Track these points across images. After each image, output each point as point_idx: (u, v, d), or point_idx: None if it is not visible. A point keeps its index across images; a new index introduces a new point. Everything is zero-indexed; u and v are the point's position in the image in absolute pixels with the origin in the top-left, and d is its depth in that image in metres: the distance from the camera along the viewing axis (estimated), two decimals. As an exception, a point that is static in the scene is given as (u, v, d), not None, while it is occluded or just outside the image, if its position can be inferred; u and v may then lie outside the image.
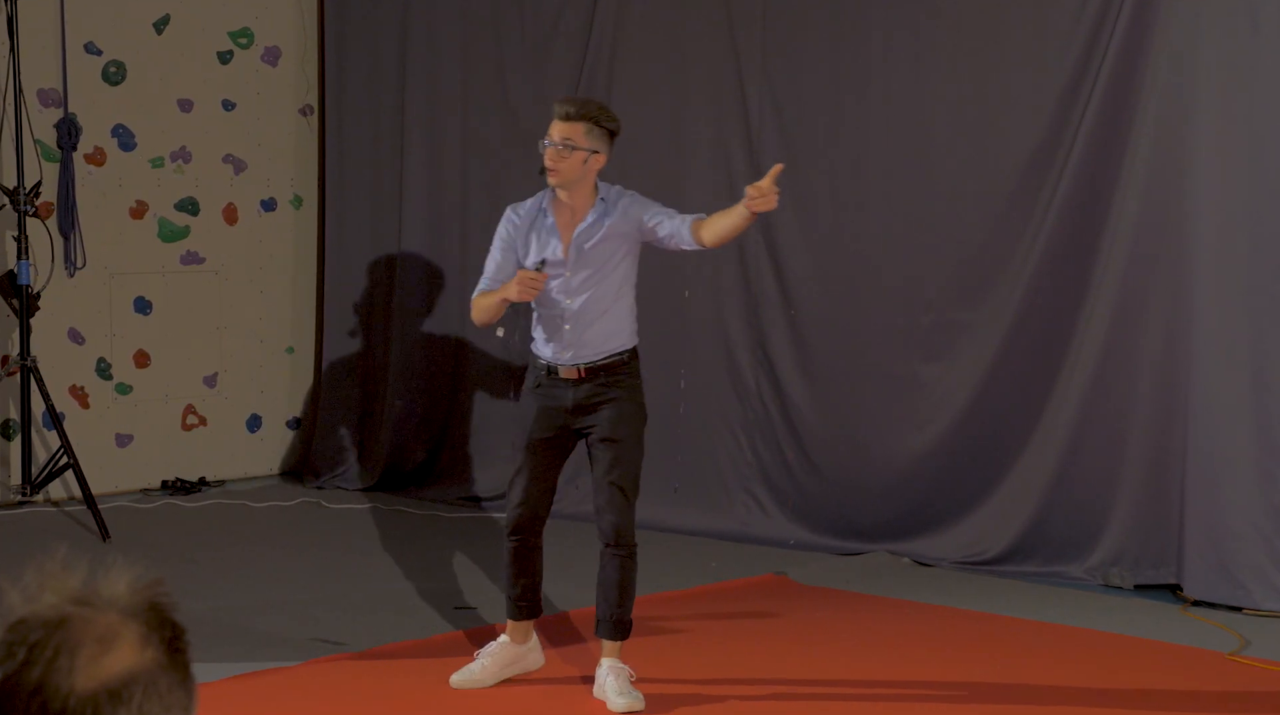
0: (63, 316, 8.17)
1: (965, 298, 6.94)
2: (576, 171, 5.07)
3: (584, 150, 5.05)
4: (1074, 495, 6.62)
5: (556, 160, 5.04)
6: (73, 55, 8.12)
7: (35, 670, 1.41)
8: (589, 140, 5.06)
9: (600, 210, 5.14)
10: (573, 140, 5.04)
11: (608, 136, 5.11)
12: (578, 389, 5.13)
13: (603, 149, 5.10)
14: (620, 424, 5.10)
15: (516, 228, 5.20)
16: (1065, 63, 6.59)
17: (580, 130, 5.05)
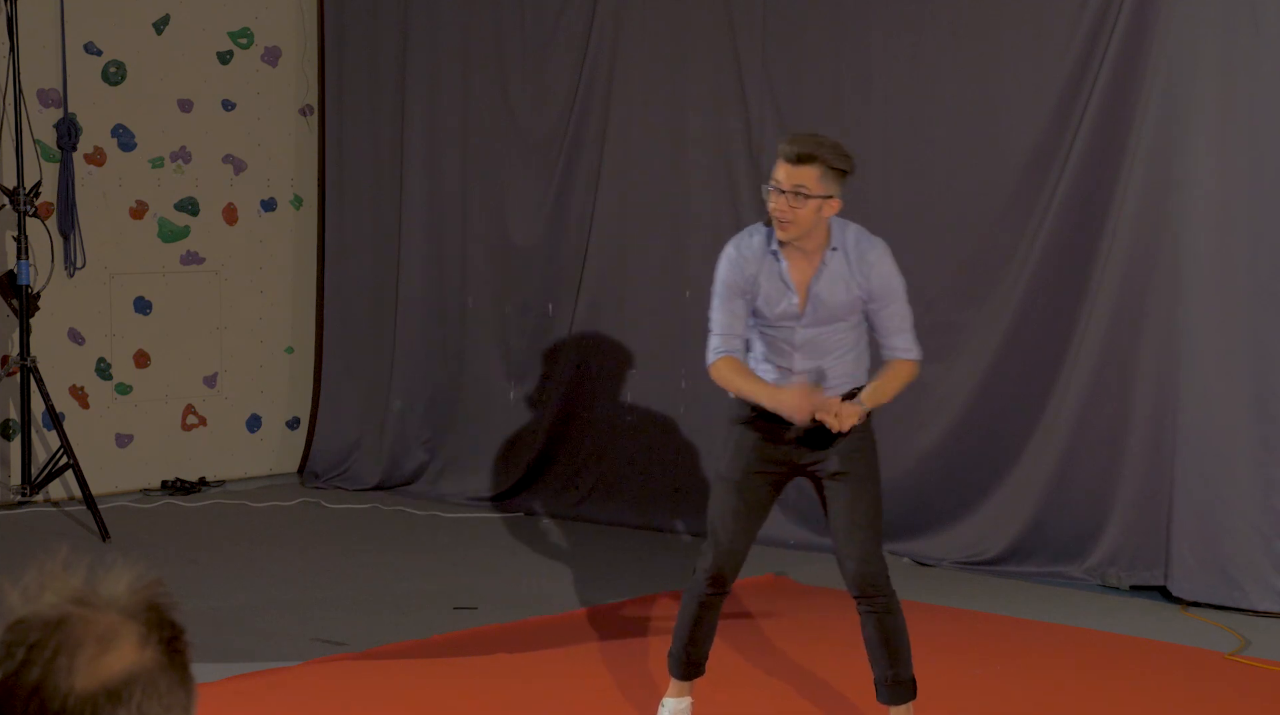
0: (63, 316, 8.17)
1: (965, 298, 6.94)
2: (810, 222, 4.46)
3: (818, 198, 4.45)
4: (1073, 496, 6.62)
5: (787, 211, 4.45)
6: (73, 55, 8.12)
7: (34, 670, 1.41)
8: (822, 186, 4.45)
9: (835, 261, 4.54)
10: (806, 187, 4.44)
11: (840, 177, 4.49)
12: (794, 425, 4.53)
13: (836, 192, 4.48)
14: (856, 458, 4.56)
15: (743, 271, 4.59)
16: (1065, 63, 6.59)
17: (814, 175, 4.44)
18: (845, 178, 4.51)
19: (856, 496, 4.54)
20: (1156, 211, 6.36)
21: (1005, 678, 5.39)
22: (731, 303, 4.60)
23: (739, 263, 4.59)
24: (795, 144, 4.48)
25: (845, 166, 4.49)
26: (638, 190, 7.95)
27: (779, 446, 4.55)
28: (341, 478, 8.77)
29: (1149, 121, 6.35)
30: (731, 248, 4.63)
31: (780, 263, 4.55)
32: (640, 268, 7.94)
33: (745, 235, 4.66)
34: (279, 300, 9.02)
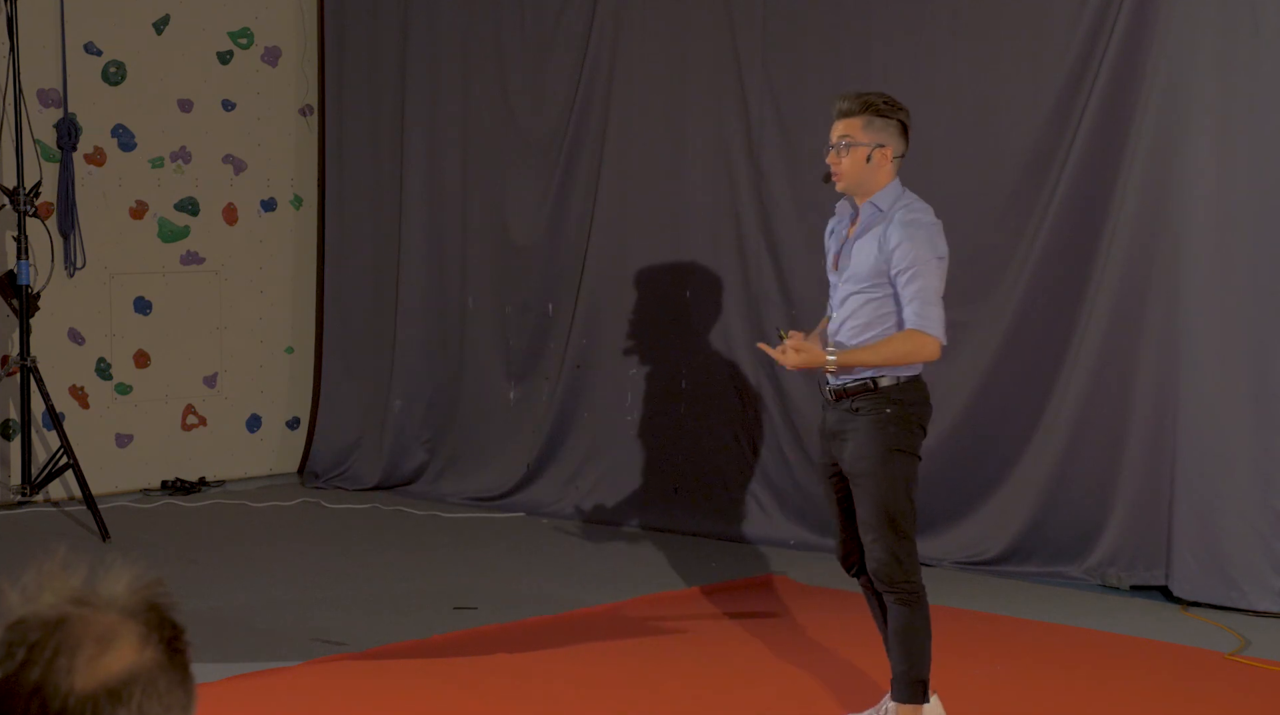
0: (63, 316, 8.17)
1: (964, 298, 6.93)
2: (860, 170, 4.51)
3: (865, 146, 4.52)
4: (1073, 496, 6.62)
5: (835, 161, 4.54)
6: (73, 55, 8.12)
7: (35, 670, 1.41)
8: (869, 134, 4.52)
9: (869, 219, 4.56)
10: (851, 137, 4.53)
11: (896, 127, 4.54)
12: (829, 412, 4.61)
13: (890, 142, 4.52)
14: (862, 459, 4.51)
15: (830, 225, 4.77)
16: (1064, 63, 6.59)
17: (858, 125, 4.53)
18: (900, 126, 4.55)
19: (860, 498, 4.55)
20: (1156, 212, 6.36)
21: (1005, 678, 5.39)
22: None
23: (830, 224, 4.74)
24: (842, 99, 4.59)
25: (898, 115, 4.54)
26: (638, 190, 7.95)
27: (822, 438, 4.65)
28: (341, 478, 8.77)
29: (1149, 121, 6.35)
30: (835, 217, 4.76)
31: (846, 220, 4.65)
32: (640, 267, 7.94)
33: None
34: (279, 300, 9.02)
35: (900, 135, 4.57)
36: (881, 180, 4.55)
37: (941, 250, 4.53)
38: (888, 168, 4.54)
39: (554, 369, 8.23)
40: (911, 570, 4.55)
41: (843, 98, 4.59)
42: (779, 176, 7.44)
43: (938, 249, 4.51)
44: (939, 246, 4.52)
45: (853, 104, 4.54)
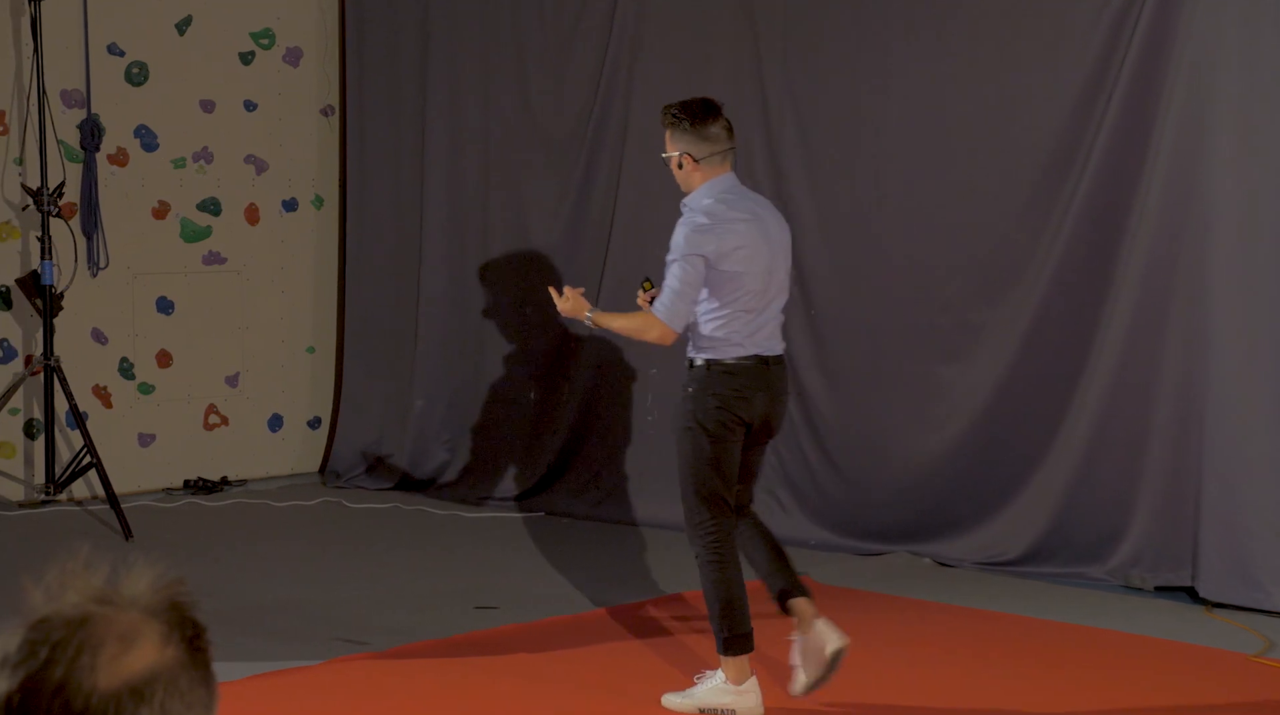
0: (86, 316, 8.20)
1: (984, 298, 6.93)
2: (679, 177, 5.01)
3: (674, 156, 5.00)
4: (1095, 496, 6.60)
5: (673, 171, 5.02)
6: (95, 56, 8.15)
7: (58, 669, 1.41)
8: (675, 144, 4.98)
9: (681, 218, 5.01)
10: (667, 149, 5.02)
11: (693, 136, 4.95)
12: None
13: (689, 148, 4.94)
14: (672, 427, 5.07)
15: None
16: (1085, 61, 6.57)
17: (668, 137, 5.00)
18: (691, 127, 4.93)
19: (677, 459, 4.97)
20: (1180, 211, 6.34)
21: (1027, 679, 5.37)
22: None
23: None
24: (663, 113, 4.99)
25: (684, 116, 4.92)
26: (658, 190, 7.93)
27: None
28: (362, 477, 8.79)
29: (1171, 120, 6.32)
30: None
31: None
32: (661, 267, 7.91)
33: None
34: (300, 300, 9.04)
35: (697, 140, 4.92)
36: (695, 183, 4.95)
37: (705, 249, 4.87)
38: (697, 173, 4.93)
39: (574, 369, 8.23)
40: (696, 538, 4.93)
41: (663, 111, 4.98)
42: (799, 178, 7.43)
43: (701, 247, 4.86)
44: (703, 245, 4.87)
45: (662, 118, 4.97)
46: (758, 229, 4.97)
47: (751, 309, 4.95)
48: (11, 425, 8.04)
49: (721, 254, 4.87)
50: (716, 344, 4.95)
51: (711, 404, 4.91)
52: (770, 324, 5.03)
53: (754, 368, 4.96)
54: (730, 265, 4.89)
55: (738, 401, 4.93)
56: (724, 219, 4.92)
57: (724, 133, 5.00)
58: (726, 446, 4.93)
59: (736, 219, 4.94)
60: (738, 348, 4.94)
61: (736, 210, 4.96)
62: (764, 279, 4.97)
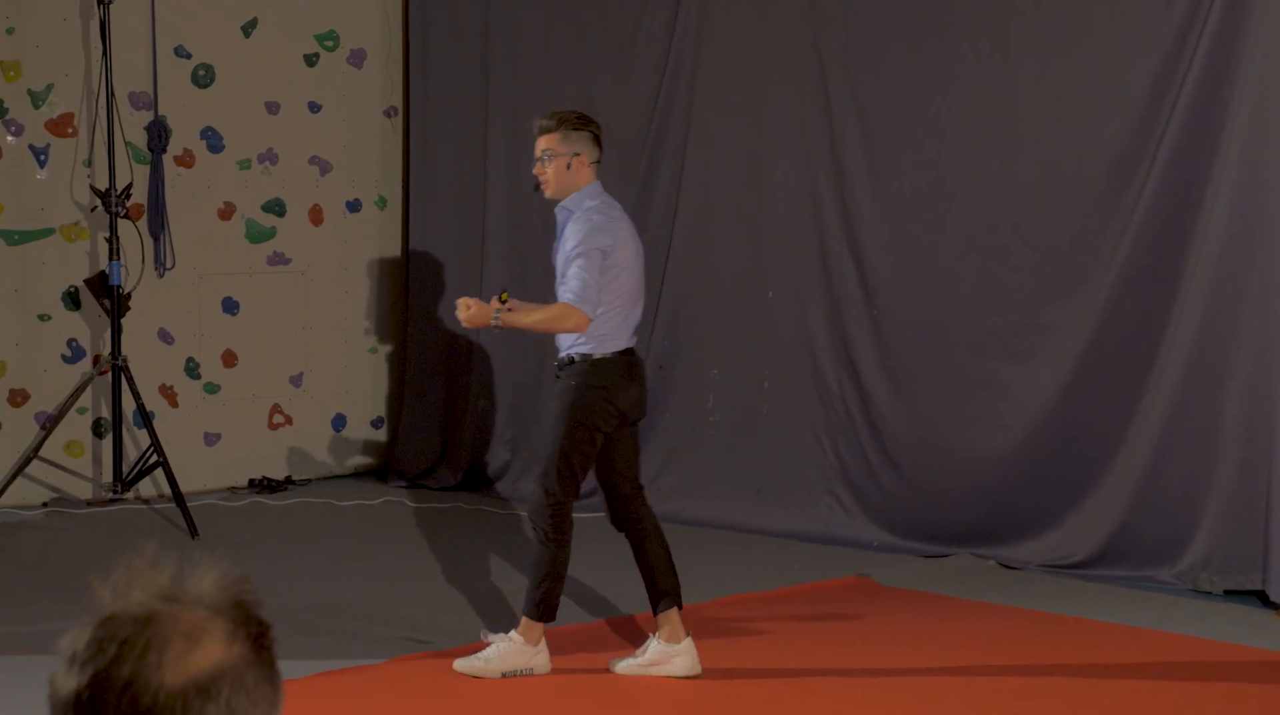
0: (152, 317, 8.28)
1: (1049, 298, 6.87)
2: (561, 177, 5.30)
3: (564, 155, 5.28)
4: (1163, 499, 6.53)
5: (539, 170, 5.34)
6: (163, 59, 8.23)
7: (125, 666, 1.42)
8: (566, 145, 5.29)
9: (563, 219, 5.34)
10: (552, 149, 5.30)
11: (589, 137, 5.31)
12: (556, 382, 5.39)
13: (585, 150, 5.30)
14: (550, 409, 5.37)
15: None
16: (1153, 60, 6.50)
17: (557, 138, 5.30)
18: (592, 137, 5.31)
19: (541, 443, 5.40)
20: (1249, 212, 6.25)
21: (1092, 683, 5.32)
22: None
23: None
24: (540, 118, 5.36)
25: (582, 126, 5.28)
26: (720, 191, 7.93)
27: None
28: (425, 477, 8.82)
29: (1242, 117, 6.24)
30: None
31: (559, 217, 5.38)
32: (722, 268, 7.92)
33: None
34: (363, 300, 9.09)
35: (593, 144, 5.33)
36: (579, 183, 5.30)
37: (604, 243, 5.22)
38: (585, 172, 5.30)
39: (636, 369, 8.21)
40: (544, 517, 5.28)
41: (542, 117, 5.36)
42: (861, 177, 7.40)
43: (600, 241, 5.22)
44: (602, 240, 5.22)
45: (550, 121, 5.30)
46: (632, 232, 5.42)
47: (626, 306, 5.33)
48: (80, 424, 8.13)
49: (613, 250, 5.26)
50: (598, 339, 5.28)
51: (597, 397, 5.26)
52: (637, 321, 5.44)
53: (628, 361, 5.34)
54: (615, 261, 5.27)
55: (618, 393, 5.29)
56: (614, 219, 5.32)
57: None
58: (601, 437, 5.31)
59: (620, 220, 5.36)
60: (615, 342, 5.30)
61: (616, 213, 5.37)
62: (637, 279, 5.39)
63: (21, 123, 7.90)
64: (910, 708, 5.07)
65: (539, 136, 5.33)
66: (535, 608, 5.30)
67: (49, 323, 8.04)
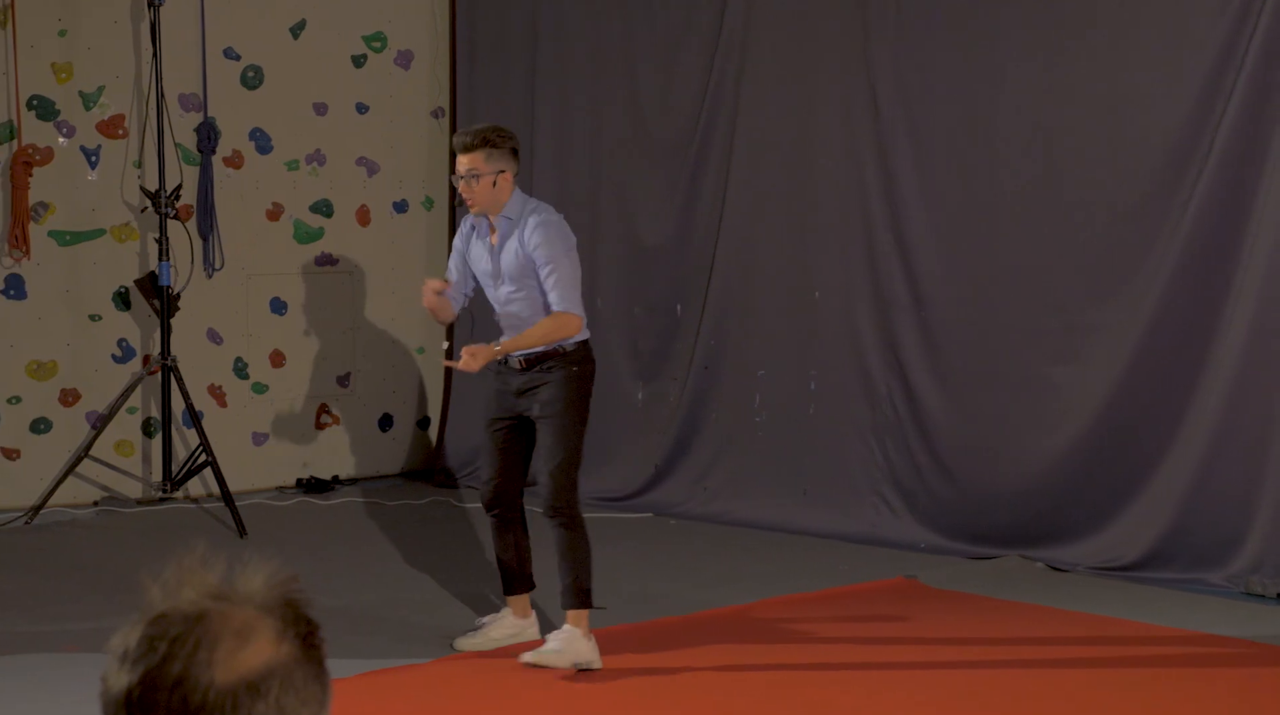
0: (201, 317, 8.33)
1: (1098, 299, 6.82)
2: (488, 194, 5.43)
3: (489, 175, 5.41)
4: (1214, 500, 6.47)
5: (467, 190, 5.45)
6: (212, 61, 8.29)
7: (176, 664, 1.43)
8: (490, 164, 5.42)
9: (505, 229, 5.49)
10: (476, 169, 5.41)
11: (510, 154, 5.46)
12: (520, 376, 5.49)
13: (507, 167, 5.45)
14: (551, 404, 5.44)
15: (464, 237, 5.67)
16: (1204, 60, 6.44)
17: (480, 158, 5.41)
18: (512, 152, 5.47)
19: (549, 432, 5.43)
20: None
21: (1143, 686, 5.28)
22: (454, 261, 5.70)
23: (462, 231, 5.68)
24: (462, 135, 5.47)
25: (502, 143, 5.42)
26: (766, 191, 7.92)
27: (505, 398, 5.53)
28: (472, 477, 8.84)
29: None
30: (463, 220, 5.69)
31: (484, 229, 5.56)
32: (769, 268, 7.91)
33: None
34: (410, 300, 9.10)
35: (513, 158, 5.48)
36: (504, 198, 5.46)
37: (571, 241, 5.50)
38: (508, 188, 5.46)
39: (682, 370, 8.22)
40: (575, 500, 5.48)
41: (462, 134, 5.49)
42: (908, 178, 7.37)
43: (567, 241, 5.47)
44: (568, 238, 5.49)
45: (473, 139, 5.41)
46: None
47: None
48: (130, 424, 8.20)
49: (574, 245, 5.56)
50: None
51: (589, 379, 5.52)
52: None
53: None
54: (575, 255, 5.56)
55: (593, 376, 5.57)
56: (558, 215, 5.58)
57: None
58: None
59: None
60: (585, 332, 5.53)
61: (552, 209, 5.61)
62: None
63: (73, 124, 7.97)
64: (957, 709, 5.05)
65: (461, 153, 5.43)
66: (585, 595, 5.41)
67: (100, 323, 8.11)
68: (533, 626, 5.70)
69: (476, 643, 5.61)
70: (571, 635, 5.34)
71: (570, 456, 5.46)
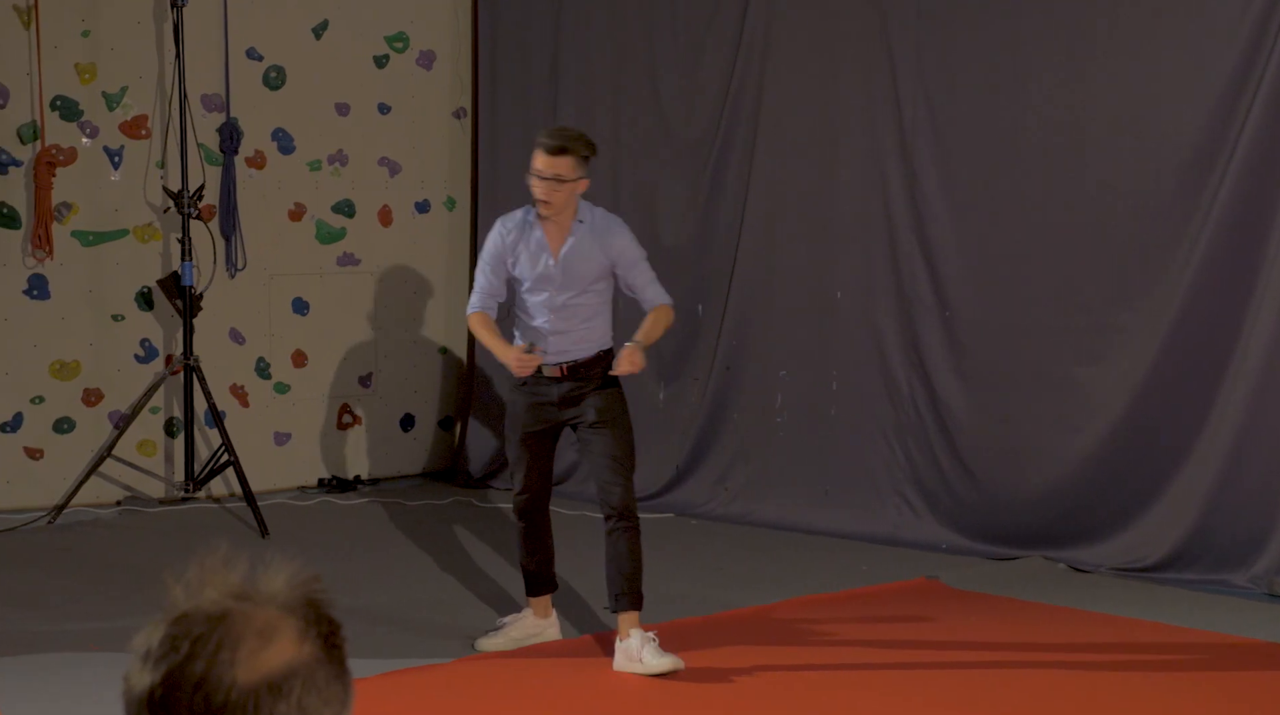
0: (224, 317, 8.36)
1: (1123, 299, 6.80)
2: (566, 201, 5.43)
3: (572, 182, 5.41)
4: (1238, 501, 6.44)
5: (549, 193, 5.39)
6: (235, 61, 8.31)
7: (198, 664, 1.43)
8: (576, 172, 5.41)
9: (582, 232, 5.50)
10: (562, 175, 5.38)
11: (587, 163, 5.46)
12: (560, 385, 5.48)
13: (587, 176, 5.47)
14: (606, 410, 5.46)
15: (505, 241, 5.54)
16: (1229, 60, 6.41)
17: (569, 164, 5.39)
18: (589, 162, 5.46)
19: (613, 440, 5.43)
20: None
21: (1164, 687, 5.26)
22: (491, 271, 5.55)
23: (501, 235, 5.54)
24: (551, 137, 5.42)
25: (589, 154, 5.43)
26: (788, 191, 7.91)
27: (543, 410, 5.48)
28: (493, 477, 8.85)
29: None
30: (499, 223, 5.58)
31: (536, 231, 5.49)
32: (790, 269, 7.90)
33: (510, 215, 5.59)
34: (432, 301, 9.13)
35: (589, 170, 5.49)
36: (574, 203, 5.49)
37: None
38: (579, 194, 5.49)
39: (703, 370, 8.21)
40: (633, 509, 5.46)
41: (552, 137, 5.41)
42: (931, 178, 7.35)
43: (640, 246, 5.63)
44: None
45: (564, 144, 5.37)
46: None
47: None
48: (152, 424, 8.22)
49: None
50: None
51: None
52: None
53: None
54: None
55: None
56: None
57: None
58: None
59: None
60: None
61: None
62: None
63: (96, 125, 8.00)
64: (978, 710, 5.03)
65: (548, 156, 5.38)
66: (641, 597, 5.45)
67: (122, 323, 8.13)
68: (553, 627, 5.71)
69: (498, 643, 5.62)
70: (644, 638, 5.35)
71: (633, 462, 5.52)
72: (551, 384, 5.48)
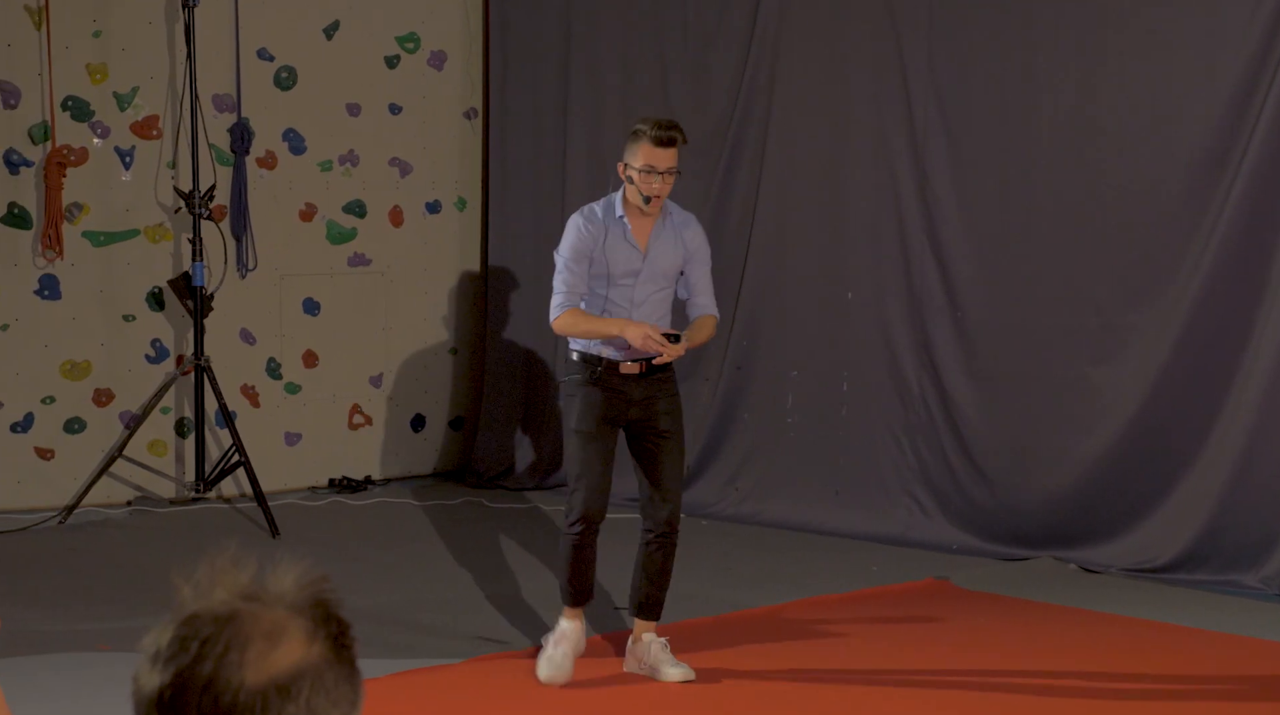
0: (235, 317, 8.36)
1: (1135, 300, 6.79)
2: (668, 189, 5.29)
3: (677, 172, 5.29)
4: (1249, 502, 6.43)
5: (662, 188, 5.23)
6: (246, 61, 8.32)
7: (207, 665, 1.43)
8: (678, 161, 5.28)
9: (667, 225, 5.36)
10: (674, 165, 5.25)
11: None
12: (639, 385, 5.31)
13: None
14: (675, 419, 5.35)
15: (592, 236, 5.30)
16: (1240, 60, 6.40)
17: (676, 155, 5.25)
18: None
19: (674, 451, 5.33)
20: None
21: (1175, 688, 5.25)
22: (578, 266, 5.28)
23: (588, 229, 5.29)
24: (671, 129, 5.22)
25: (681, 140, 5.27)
26: (799, 192, 7.90)
27: (619, 406, 5.26)
28: (504, 478, 8.85)
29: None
30: (581, 218, 5.33)
31: (626, 225, 5.29)
32: (801, 269, 7.89)
33: (587, 210, 5.37)
34: (443, 301, 9.13)
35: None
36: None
37: None
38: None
39: (714, 370, 8.21)
40: (679, 525, 5.37)
41: (666, 129, 5.21)
42: (943, 178, 7.35)
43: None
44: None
45: (677, 135, 5.23)
46: None
47: None
48: (163, 424, 8.23)
49: None
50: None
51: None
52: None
53: None
54: None
55: None
56: None
57: None
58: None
59: None
60: None
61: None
62: None
63: (107, 125, 8.01)
64: (988, 711, 5.03)
65: (665, 148, 5.19)
66: (662, 610, 5.41)
67: (133, 323, 8.15)
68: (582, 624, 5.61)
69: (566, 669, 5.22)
70: (658, 644, 5.32)
71: (681, 476, 5.45)
72: (634, 382, 5.29)
